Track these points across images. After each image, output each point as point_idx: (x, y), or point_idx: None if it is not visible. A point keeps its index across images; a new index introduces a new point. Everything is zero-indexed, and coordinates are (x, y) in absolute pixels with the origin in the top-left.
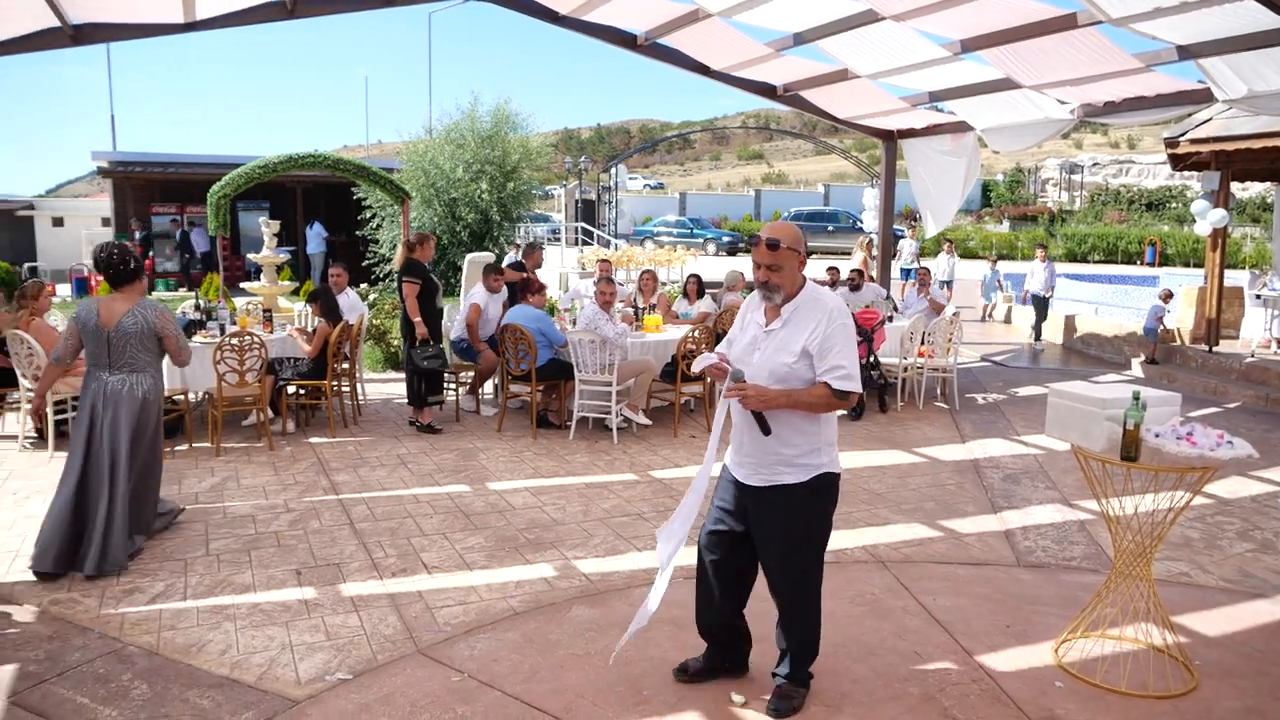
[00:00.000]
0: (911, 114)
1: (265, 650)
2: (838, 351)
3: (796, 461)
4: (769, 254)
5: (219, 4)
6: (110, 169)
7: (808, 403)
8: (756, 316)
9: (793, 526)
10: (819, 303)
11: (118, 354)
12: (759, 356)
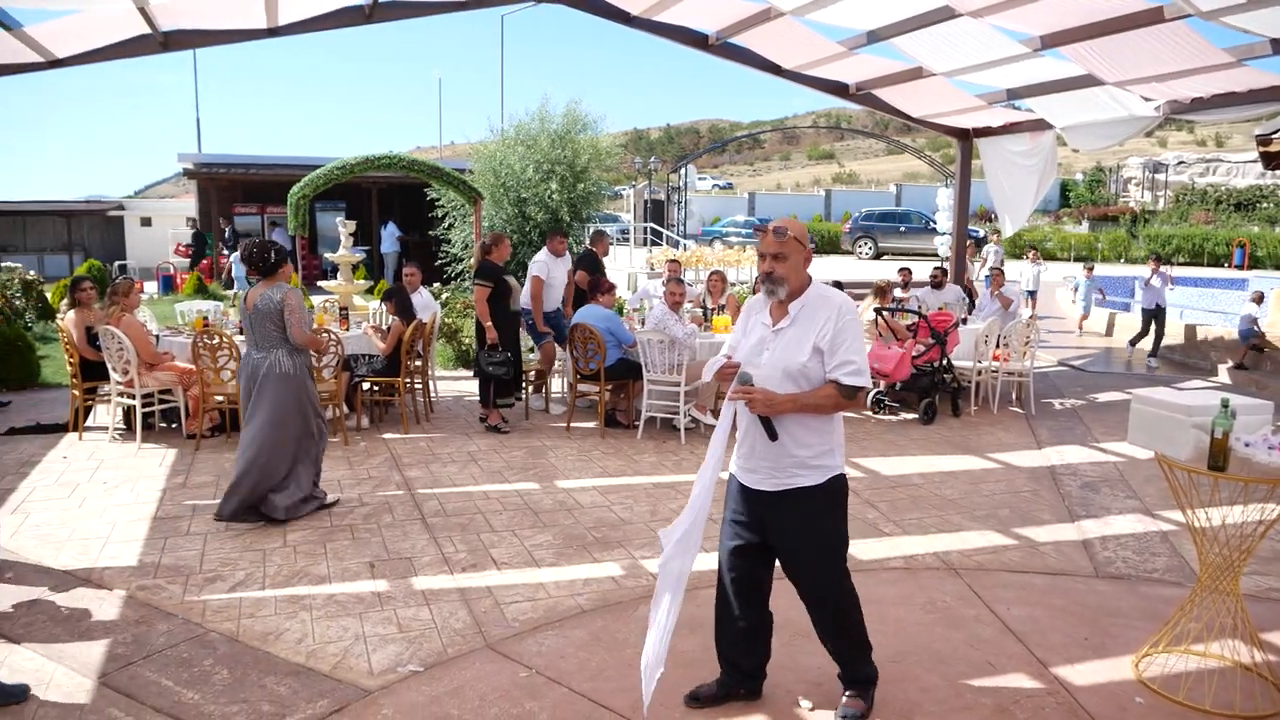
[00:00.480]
0: (988, 112)
1: (339, 640)
2: (847, 347)
3: (811, 463)
4: (775, 242)
5: (300, 9)
6: (195, 170)
7: (815, 405)
8: (761, 317)
9: (816, 530)
10: (827, 299)
11: (256, 333)
12: (768, 356)
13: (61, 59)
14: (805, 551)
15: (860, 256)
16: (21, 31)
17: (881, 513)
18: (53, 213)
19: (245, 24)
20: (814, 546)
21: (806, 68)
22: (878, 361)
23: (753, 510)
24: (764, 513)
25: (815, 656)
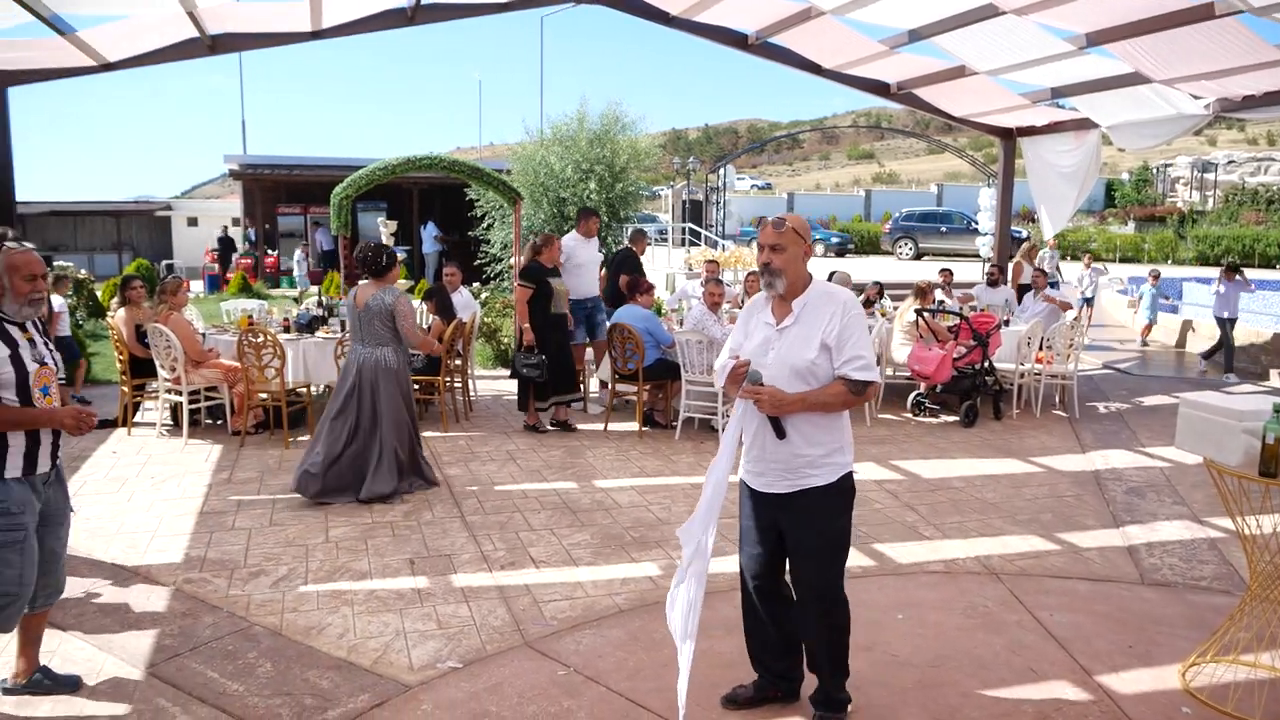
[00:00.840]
0: (1032, 111)
1: (380, 636)
2: (854, 342)
3: (822, 462)
4: (774, 233)
5: (343, 12)
6: (240, 171)
7: (824, 403)
8: (764, 316)
9: (826, 530)
10: (831, 296)
11: (366, 330)
12: (774, 355)
13: (113, 62)
14: (813, 548)
15: (900, 257)
16: (75, 36)
17: (921, 515)
18: (103, 213)
19: (290, 27)
20: (822, 544)
21: (847, 67)
22: (918, 363)
23: (767, 515)
24: (777, 515)
25: (853, 659)
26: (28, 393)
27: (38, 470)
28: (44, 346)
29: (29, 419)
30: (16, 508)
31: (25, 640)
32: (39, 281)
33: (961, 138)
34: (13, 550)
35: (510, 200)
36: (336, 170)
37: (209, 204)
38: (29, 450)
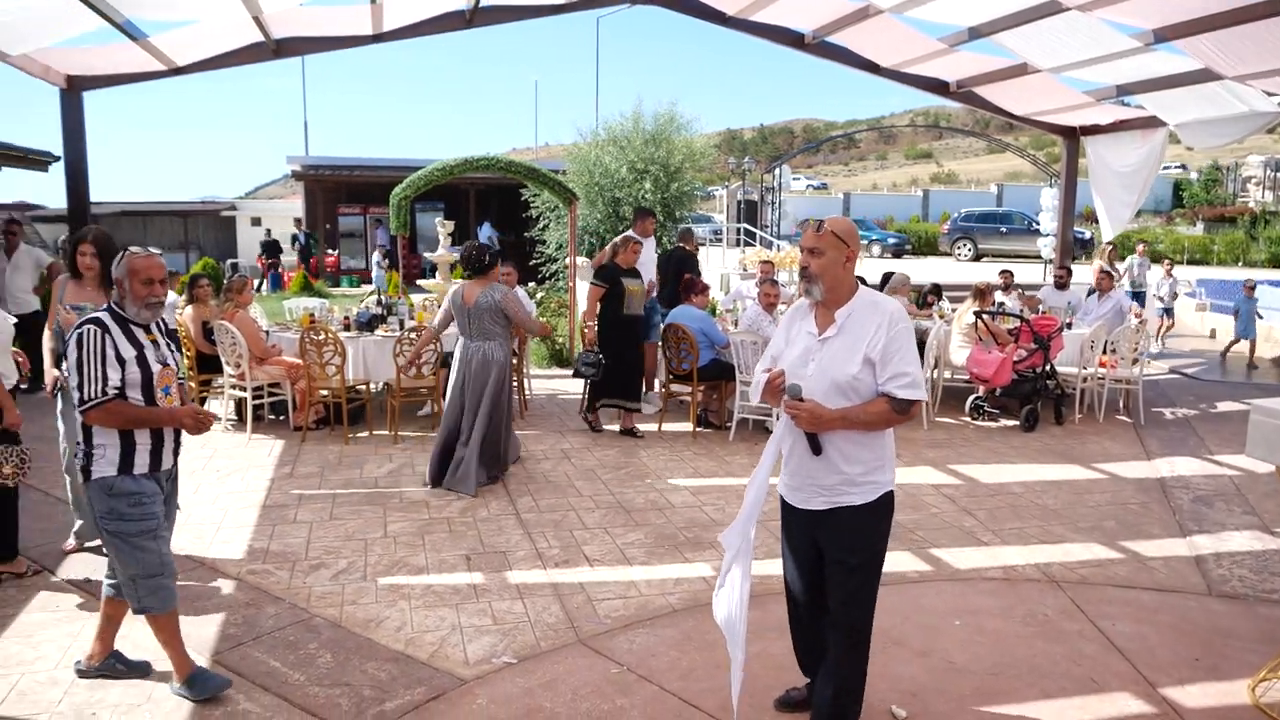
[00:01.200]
0: (1096, 109)
1: (437, 630)
2: (900, 358)
3: (861, 480)
4: (812, 235)
5: (403, 16)
6: (303, 172)
7: (866, 421)
8: (806, 325)
9: (861, 551)
10: (877, 306)
11: (475, 325)
12: (814, 367)
13: (181, 66)
14: (846, 569)
15: (959, 258)
16: (146, 41)
17: (979, 521)
18: (170, 213)
19: (352, 30)
20: (856, 565)
21: (905, 65)
22: (977, 366)
23: (804, 532)
24: (815, 533)
25: (910, 665)
26: (151, 392)
27: (161, 467)
28: (166, 348)
29: (153, 418)
30: (149, 498)
31: (106, 625)
32: (156, 286)
33: (1023, 136)
34: (148, 537)
35: (566, 200)
36: (395, 171)
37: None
38: (154, 448)
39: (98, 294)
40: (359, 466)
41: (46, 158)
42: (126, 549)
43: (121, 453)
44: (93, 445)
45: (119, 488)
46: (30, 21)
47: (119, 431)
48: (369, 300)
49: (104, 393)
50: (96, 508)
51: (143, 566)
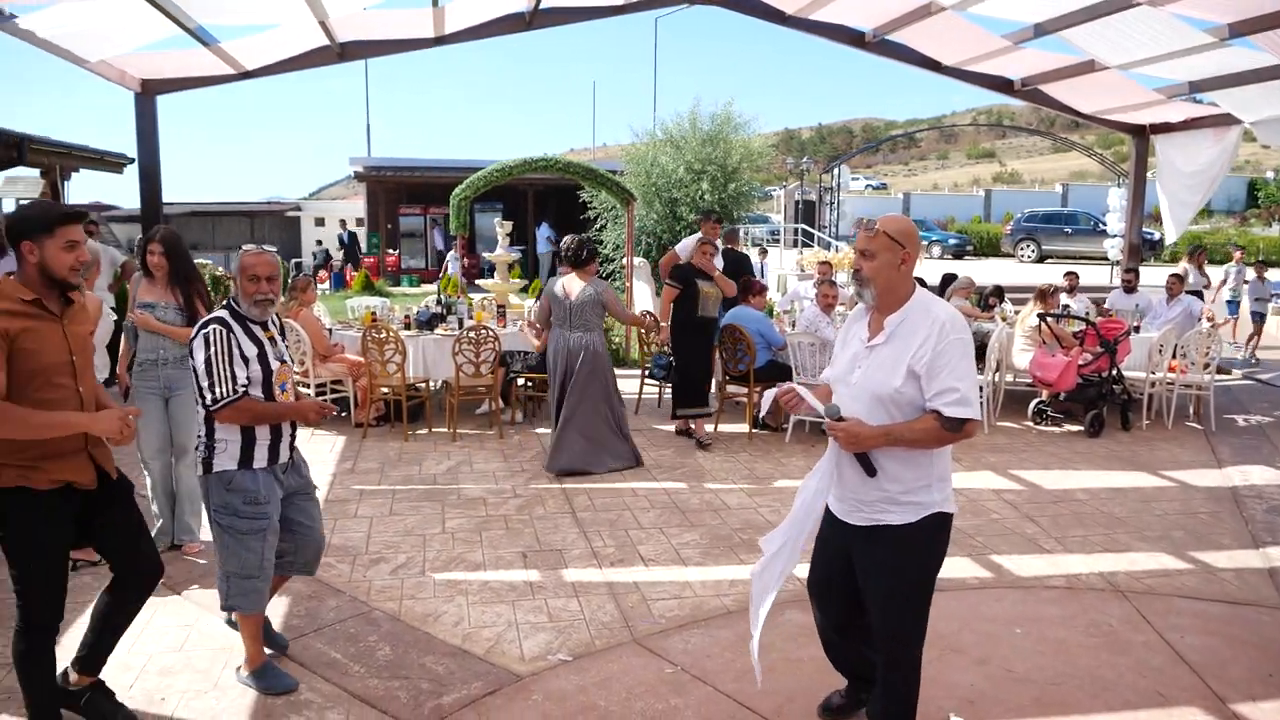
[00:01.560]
0: (1167, 107)
1: (493, 626)
2: (949, 371)
3: (903, 499)
4: (864, 237)
5: (465, 18)
6: (365, 173)
7: (911, 439)
8: (859, 330)
9: (899, 575)
10: (928, 313)
11: (576, 317)
12: (859, 375)
13: (250, 70)
14: (883, 594)
15: (1022, 259)
16: (217, 46)
17: (1042, 528)
18: (237, 213)
19: (414, 34)
20: (893, 591)
21: (968, 63)
22: (1040, 369)
23: (840, 541)
24: (851, 545)
25: (968, 673)
26: (271, 389)
27: (279, 460)
28: (282, 345)
29: (279, 413)
30: (264, 497)
31: None
32: (263, 283)
33: (1089, 135)
34: (256, 537)
35: (623, 201)
36: (455, 172)
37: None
38: (272, 442)
39: (167, 292)
40: (418, 463)
41: (122, 159)
42: (233, 545)
43: (242, 447)
44: (214, 439)
45: (237, 483)
46: (108, 29)
47: (240, 427)
48: (429, 299)
49: (234, 391)
50: (212, 500)
51: (242, 565)
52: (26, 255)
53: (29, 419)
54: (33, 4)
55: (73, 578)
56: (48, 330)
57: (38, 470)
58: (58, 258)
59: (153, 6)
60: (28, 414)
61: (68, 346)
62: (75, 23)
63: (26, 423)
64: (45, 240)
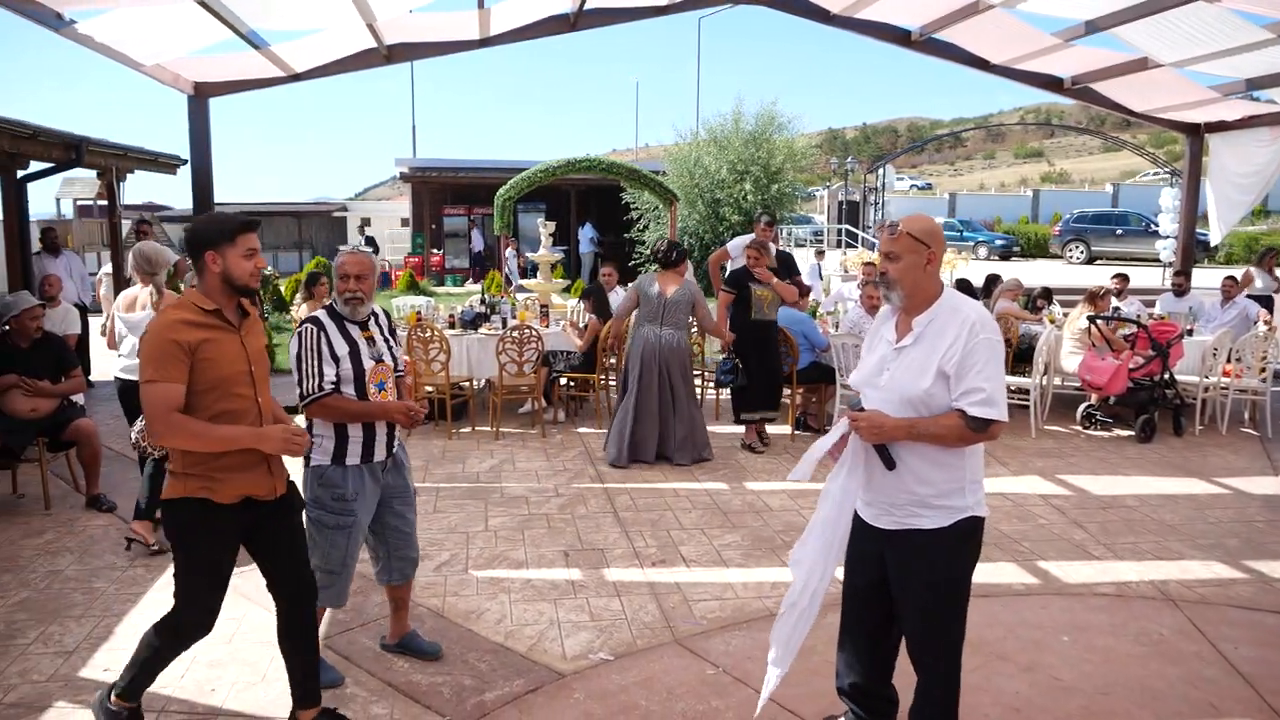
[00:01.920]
0: (1222, 105)
1: (535, 624)
2: (977, 371)
3: (934, 503)
4: (887, 239)
5: (509, 20)
6: (410, 174)
7: (934, 435)
8: (886, 332)
9: (932, 581)
10: (957, 313)
11: (668, 315)
12: (887, 378)
13: (300, 73)
14: (919, 600)
15: (1071, 261)
16: (268, 50)
17: (1090, 534)
18: (285, 214)
19: (460, 35)
20: (927, 598)
21: (1016, 62)
22: (1089, 373)
23: (871, 547)
24: (883, 550)
25: (1014, 680)
26: (364, 387)
27: (374, 459)
28: (384, 344)
29: (365, 412)
30: (351, 495)
31: (393, 609)
32: (352, 281)
33: (1141, 134)
34: (342, 533)
35: (666, 201)
36: (499, 173)
37: (380, 205)
38: (366, 441)
39: None
40: (461, 461)
41: (175, 161)
42: (319, 537)
43: (335, 444)
44: (312, 434)
45: (328, 477)
46: (162, 34)
47: (333, 424)
48: (473, 298)
49: (320, 388)
50: (307, 492)
51: (325, 559)
52: (210, 265)
53: (204, 432)
54: (91, 9)
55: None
56: (226, 341)
57: (220, 483)
58: (239, 265)
59: (206, 11)
60: (205, 427)
61: (246, 357)
62: (131, 28)
63: (201, 435)
64: (227, 249)
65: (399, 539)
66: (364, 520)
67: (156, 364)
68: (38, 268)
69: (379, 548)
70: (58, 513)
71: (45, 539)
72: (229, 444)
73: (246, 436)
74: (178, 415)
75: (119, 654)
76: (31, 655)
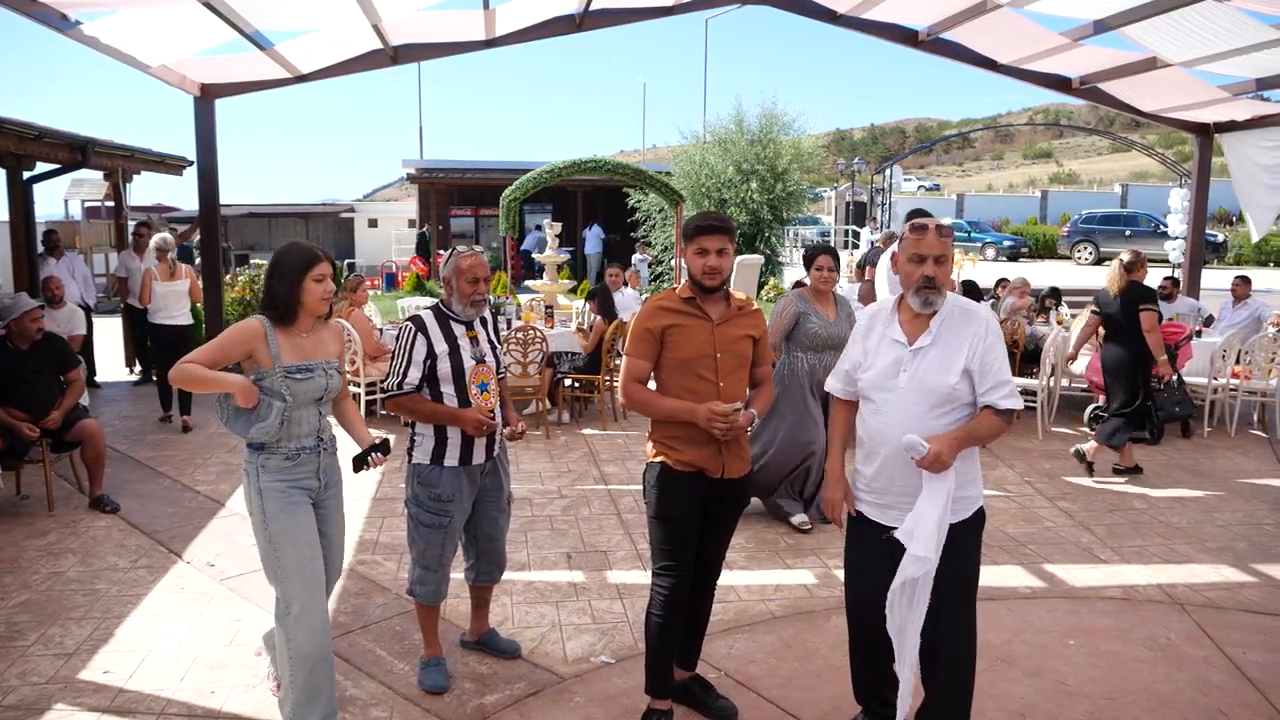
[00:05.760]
0: (1232, 105)
1: (537, 626)
2: (998, 367)
3: (956, 495)
4: (939, 242)
5: (515, 20)
6: (417, 175)
7: (981, 438)
8: (890, 332)
9: (956, 572)
10: (969, 313)
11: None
12: (906, 378)
13: (306, 74)
14: (944, 593)
15: (1079, 262)
16: (273, 50)
17: (1097, 537)
18: (293, 215)
19: (465, 36)
20: (954, 589)
21: (1024, 61)
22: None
23: (881, 548)
24: (893, 549)
25: (1019, 685)
26: (465, 387)
27: (473, 461)
28: (487, 345)
29: (439, 415)
30: (447, 495)
31: (474, 608)
32: (481, 285)
33: (1150, 134)
34: (436, 532)
35: (672, 202)
36: (505, 174)
37: (388, 206)
38: (465, 443)
39: None
40: None
41: (181, 162)
42: (416, 532)
43: (435, 444)
44: (415, 432)
45: (427, 477)
46: (168, 35)
47: (432, 425)
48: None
49: (399, 386)
50: (408, 488)
51: (421, 554)
52: (684, 258)
53: (653, 403)
54: (97, 10)
55: None
56: (696, 327)
57: (673, 450)
58: (692, 262)
59: (212, 12)
60: (654, 398)
61: (714, 344)
62: (137, 28)
63: (651, 406)
64: (687, 247)
65: (488, 543)
66: (459, 521)
67: (633, 340)
68: (40, 270)
69: (469, 547)
70: (61, 513)
71: (48, 540)
72: (685, 415)
73: (680, 409)
74: (635, 385)
75: (119, 656)
76: (32, 657)
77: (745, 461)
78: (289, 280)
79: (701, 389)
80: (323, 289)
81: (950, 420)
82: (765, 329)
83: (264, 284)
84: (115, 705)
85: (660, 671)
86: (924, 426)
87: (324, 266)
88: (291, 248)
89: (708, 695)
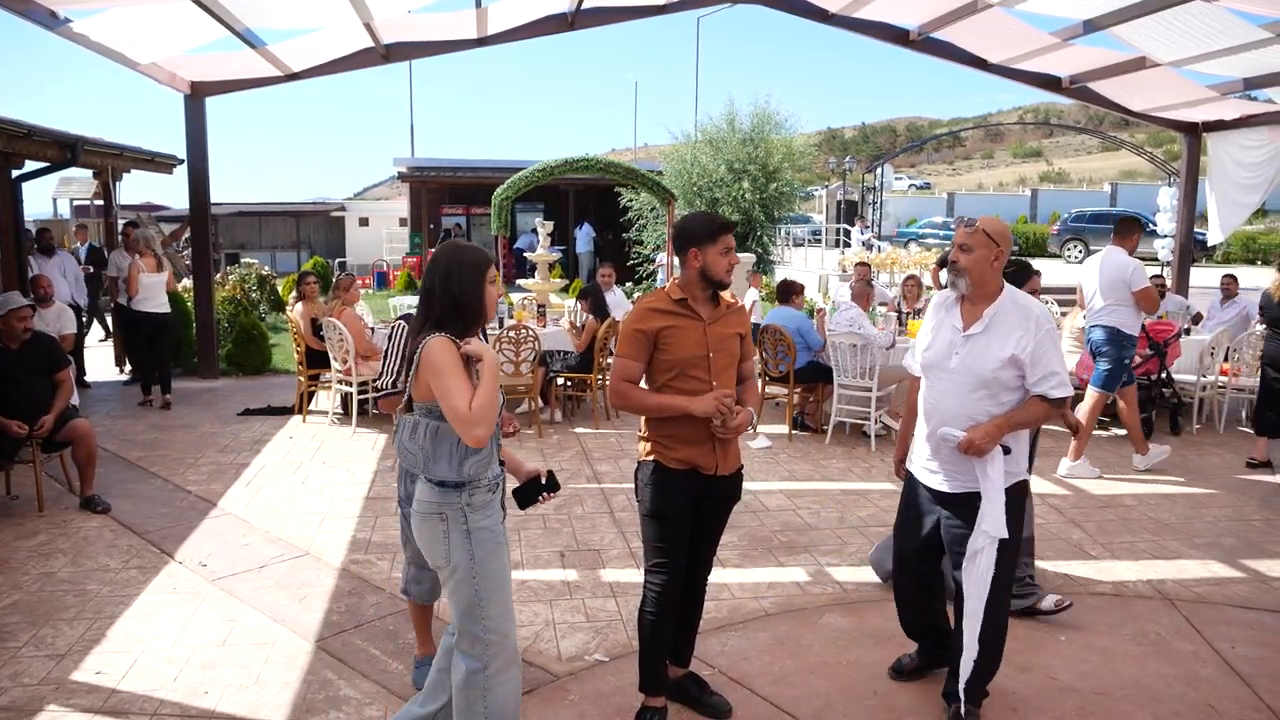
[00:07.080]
0: (1220, 104)
1: (530, 625)
2: (1049, 358)
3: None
4: (964, 232)
5: (507, 19)
6: (408, 174)
7: (1024, 422)
8: (952, 319)
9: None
10: (1023, 308)
11: None
12: (957, 361)
13: (297, 72)
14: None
15: (1069, 260)
16: (264, 49)
17: (1088, 534)
18: (283, 213)
19: (457, 35)
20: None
21: (1015, 61)
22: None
23: (930, 507)
24: (940, 511)
25: (1010, 680)
26: None
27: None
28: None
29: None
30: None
31: None
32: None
33: (1139, 133)
34: None
35: (664, 201)
36: (497, 172)
37: (379, 205)
38: None
39: None
40: None
41: (171, 160)
42: (409, 532)
43: None
44: None
45: None
46: (158, 33)
47: None
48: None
49: (393, 385)
50: (400, 487)
51: (414, 554)
52: (691, 260)
53: (644, 399)
54: (87, 8)
55: None
56: (689, 328)
57: (667, 449)
58: (716, 262)
59: (203, 10)
60: (644, 395)
61: (706, 344)
62: (127, 26)
63: (642, 403)
64: (709, 247)
65: None
66: None
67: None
68: (30, 268)
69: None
70: (51, 514)
71: (38, 540)
72: (670, 410)
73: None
74: (626, 385)
75: (112, 657)
76: (23, 658)
77: (737, 458)
78: (471, 284)
79: (695, 389)
80: (495, 291)
81: (997, 404)
82: (750, 326)
83: (438, 290)
84: (108, 706)
85: (654, 669)
86: (970, 407)
87: (493, 269)
88: (461, 249)
89: (702, 692)
